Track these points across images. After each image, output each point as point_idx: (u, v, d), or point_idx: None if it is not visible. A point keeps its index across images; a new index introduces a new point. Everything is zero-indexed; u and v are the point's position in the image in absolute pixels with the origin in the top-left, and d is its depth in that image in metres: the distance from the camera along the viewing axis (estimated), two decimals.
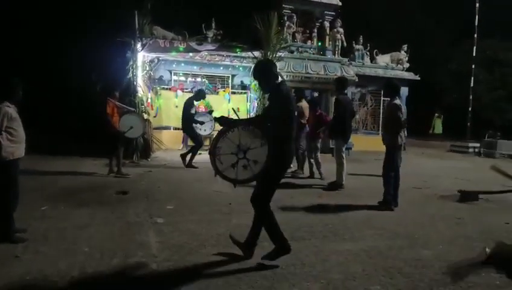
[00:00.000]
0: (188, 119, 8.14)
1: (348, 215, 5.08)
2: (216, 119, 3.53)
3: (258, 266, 3.32)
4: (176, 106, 11.78)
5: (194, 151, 8.30)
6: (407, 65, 14.80)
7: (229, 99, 12.10)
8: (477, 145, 14.65)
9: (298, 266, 3.40)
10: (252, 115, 12.03)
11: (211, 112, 8.86)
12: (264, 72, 3.38)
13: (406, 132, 5.65)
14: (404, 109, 5.82)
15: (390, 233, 4.40)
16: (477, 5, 15.33)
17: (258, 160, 3.25)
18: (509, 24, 21.32)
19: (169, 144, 11.16)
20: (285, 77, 11.25)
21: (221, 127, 3.33)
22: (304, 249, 3.79)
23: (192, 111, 8.27)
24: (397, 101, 5.38)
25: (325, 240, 4.08)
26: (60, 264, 3.27)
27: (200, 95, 8.53)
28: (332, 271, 3.32)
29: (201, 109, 11.24)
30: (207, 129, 8.83)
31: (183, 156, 8.35)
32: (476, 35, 15.64)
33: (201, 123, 8.45)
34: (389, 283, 3.14)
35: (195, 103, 8.60)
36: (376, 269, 3.40)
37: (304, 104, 8.04)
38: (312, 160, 7.81)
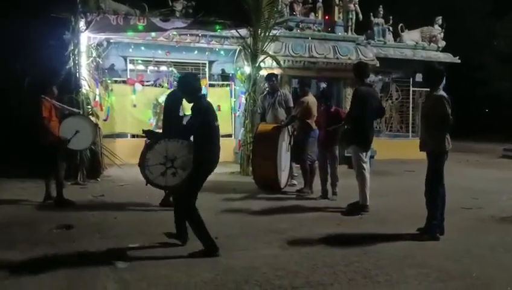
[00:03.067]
0: (173, 122, 6.71)
1: (379, 249, 5.03)
2: (144, 132, 5.11)
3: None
4: (134, 105, 11.73)
5: None
6: (443, 43, 14.97)
7: (206, 94, 12.01)
8: None
9: None
10: (238, 113, 12.01)
11: None
12: (187, 87, 4.88)
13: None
14: None
15: (440, 272, 4.36)
16: None
17: (185, 167, 4.71)
18: None
19: (126, 157, 10.93)
20: (282, 63, 11.24)
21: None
22: None
23: (181, 112, 7.04)
24: (443, 93, 5.38)
25: (352, 285, 4.01)
26: None
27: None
28: None
29: None
30: None
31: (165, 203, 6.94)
32: None
33: None
34: None
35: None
36: None
37: (311, 98, 8.02)
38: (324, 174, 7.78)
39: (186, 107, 7.79)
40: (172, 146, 4.76)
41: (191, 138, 4.89)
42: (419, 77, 14.77)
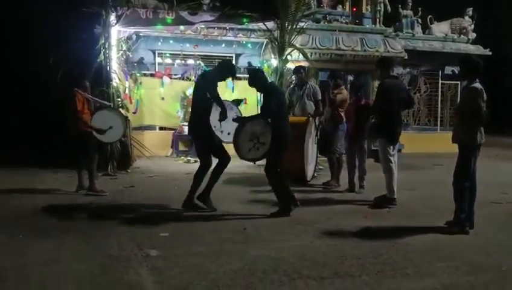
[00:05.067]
0: (206, 111, 6.22)
1: (407, 242, 5.00)
2: (234, 120, 6.11)
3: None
4: (162, 98, 11.86)
5: (215, 175, 6.26)
6: (473, 35, 14.69)
7: (233, 88, 12.05)
8: None
9: None
10: None
11: (238, 101, 6.85)
12: (257, 80, 6.14)
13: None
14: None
15: (469, 265, 4.33)
16: None
17: (265, 142, 5.82)
18: None
19: (154, 149, 11.16)
20: (309, 55, 11.22)
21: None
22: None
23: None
24: (477, 85, 5.30)
25: (380, 277, 4.01)
26: None
27: (228, 69, 6.44)
28: None
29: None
30: (228, 130, 6.51)
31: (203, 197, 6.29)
32: None
33: (223, 119, 6.26)
34: None
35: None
36: None
37: (344, 92, 8.02)
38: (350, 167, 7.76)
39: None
40: (256, 125, 5.89)
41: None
42: (448, 70, 14.58)
